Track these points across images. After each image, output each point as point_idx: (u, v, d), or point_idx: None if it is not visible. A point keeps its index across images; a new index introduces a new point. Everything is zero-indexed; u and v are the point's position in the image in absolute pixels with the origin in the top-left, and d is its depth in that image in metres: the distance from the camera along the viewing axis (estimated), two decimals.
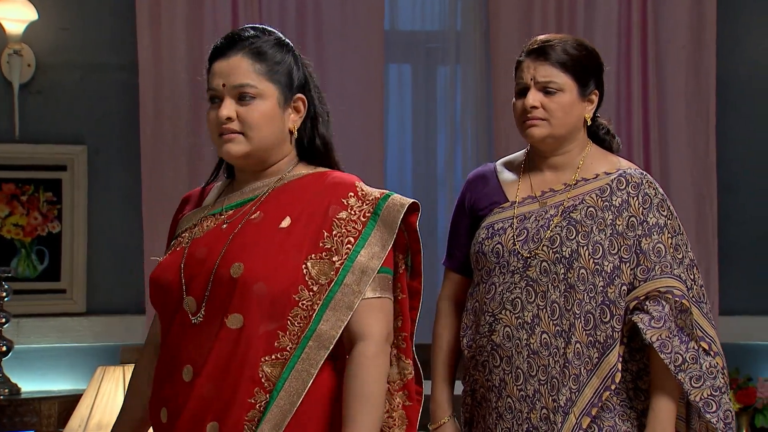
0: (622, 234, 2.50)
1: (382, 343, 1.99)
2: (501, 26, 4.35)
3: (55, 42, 4.28)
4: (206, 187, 2.21)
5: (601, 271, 2.47)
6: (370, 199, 2.04)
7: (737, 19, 4.49)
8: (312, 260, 1.99)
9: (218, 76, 2.04)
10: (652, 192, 2.54)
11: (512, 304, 2.48)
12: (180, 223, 2.17)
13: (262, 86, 2.03)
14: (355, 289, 1.98)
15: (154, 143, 4.22)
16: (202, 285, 2.01)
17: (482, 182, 2.64)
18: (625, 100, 4.38)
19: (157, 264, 2.11)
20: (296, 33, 4.27)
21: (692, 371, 2.45)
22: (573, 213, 2.51)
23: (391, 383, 2.06)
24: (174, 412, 2.00)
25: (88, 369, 4.01)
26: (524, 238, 2.51)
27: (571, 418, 2.44)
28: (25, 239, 4.24)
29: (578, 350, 2.45)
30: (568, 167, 2.56)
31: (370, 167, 4.25)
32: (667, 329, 2.45)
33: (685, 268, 2.51)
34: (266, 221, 2.03)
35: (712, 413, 2.46)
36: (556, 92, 2.51)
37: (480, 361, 2.53)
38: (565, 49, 2.51)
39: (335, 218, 2.02)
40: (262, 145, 2.05)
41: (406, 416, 2.07)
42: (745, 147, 4.50)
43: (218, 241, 2.03)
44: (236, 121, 2.03)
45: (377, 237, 2.01)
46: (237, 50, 2.04)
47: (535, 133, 2.52)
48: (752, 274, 4.48)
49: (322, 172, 2.10)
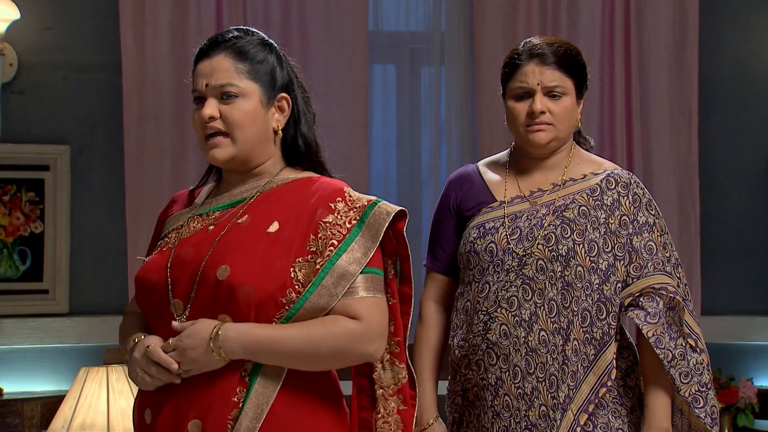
0: (615, 232, 2.52)
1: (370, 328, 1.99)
2: (485, 27, 4.36)
3: (37, 41, 4.26)
4: (196, 189, 2.22)
5: (597, 269, 2.49)
6: (358, 206, 2.05)
7: (720, 19, 4.52)
8: (299, 263, 2.00)
9: (201, 76, 2.06)
10: (640, 192, 2.58)
11: (508, 302, 2.48)
12: (167, 223, 2.18)
13: (244, 85, 2.05)
14: (332, 291, 1.98)
15: (138, 143, 4.20)
16: (188, 286, 2.01)
17: (467, 182, 2.65)
18: (608, 99, 4.40)
19: (143, 264, 2.11)
20: (281, 33, 4.26)
21: (681, 367, 2.49)
22: (565, 212, 2.52)
23: (386, 388, 2.08)
24: (157, 412, 2.01)
25: (71, 370, 4.00)
26: (518, 237, 2.52)
27: (569, 414, 2.45)
28: (7, 239, 4.22)
29: (576, 347, 2.47)
30: (556, 168, 2.59)
31: (354, 167, 4.25)
32: (661, 325, 2.49)
33: (673, 267, 2.55)
34: (254, 225, 2.04)
35: (700, 408, 2.50)
36: (561, 96, 2.52)
37: (474, 360, 2.53)
38: (566, 53, 2.53)
39: (321, 221, 2.03)
40: (247, 145, 2.06)
41: (402, 421, 2.08)
42: (727, 147, 4.53)
43: (204, 243, 2.04)
44: (219, 120, 2.05)
45: (360, 243, 2.02)
46: (219, 50, 2.07)
47: (542, 138, 2.52)
48: (735, 274, 4.50)
49: (310, 177, 2.12)
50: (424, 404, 2.60)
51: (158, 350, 1.97)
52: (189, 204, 2.18)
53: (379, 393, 2.08)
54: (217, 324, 1.95)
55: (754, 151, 4.52)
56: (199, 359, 1.94)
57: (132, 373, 2.02)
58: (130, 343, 2.04)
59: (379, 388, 2.08)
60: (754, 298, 4.50)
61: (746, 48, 4.53)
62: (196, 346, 1.94)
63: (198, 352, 1.94)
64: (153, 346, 1.97)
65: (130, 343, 2.04)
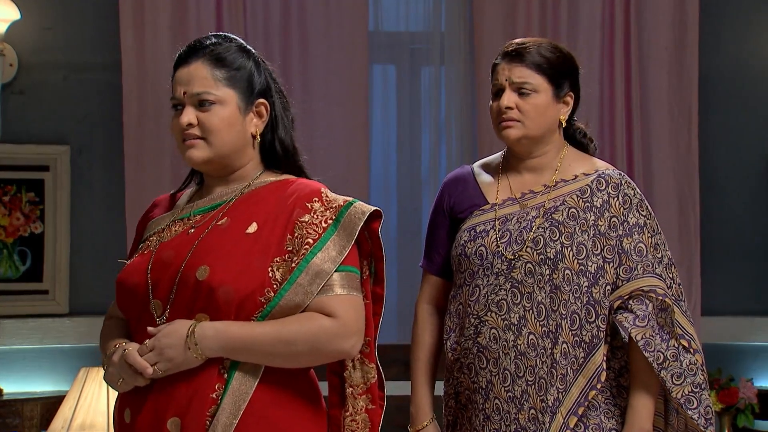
0: (605, 234, 2.52)
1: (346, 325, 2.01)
2: (485, 27, 4.36)
3: (37, 42, 4.26)
4: (177, 193, 2.25)
5: (586, 272, 2.49)
6: (334, 206, 2.07)
7: (719, 20, 4.52)
8: (277, 263, 2.02)
9: (179, 84, 2.10)
10: (631, 192, 2.57)
11: (498, 305, 2.49)
12: (148, 226, 2.20)
13: (220, 92, 2.08)
14: (307, 289, 2.00)
15: (138, 144, 4.21)
16: (168, 287, 2.04)
17: (461, 184, 2.65)
18: (608, 100, 4.40)
19: (124, 266, 2.14)
20: (281, 34, 4.27)
21: (673, 368, 2.48)
22: (555, 214, 2.52)
23: (355, 386, 2.10)
24: (136, 411, 2.03)
25: (71, 370, 4.00)
26: (507, 240, 2.52)
27: (558, 417, 2.45)
28: (7, 240, 4.22)
29: (565, 350, 2.47)
30: (546, 169, 2.58)
31: (354, 167, 4.25)
32: (650, 328, 2.48)
33: (665, 267, 2.54)
34: (233, 227, 2.07)
35: (693, 409, 2.49)
36: (531, 93, 2.53)
37: (465, 364, 2.54)
38: (539, 51, 2.54)
39: (298, 221, 2.05)
40: (224, 150, 2.09)
41: (369, 419, 2.10)
42: (727, 147, 4.53)
43: (185, 245, 2.07)
44: (197, 127, 2.08)
45: (335, 242, 2.04)
46: (197, 57, 2.10)
47: (510, 134, 2.54)
48: (734, 274, 4.50)
49: (287, 179, 2.15)
50: (420, 405, 2.61)
51: (134, 354, 2.00)
52: (170, 208, 2.21)
53: (348, 391, 2.10)
54: (192, 323, 1.98)
55: (754, 151, 4.52)
56: (177, 358, 1.97)
57: (108, 376, 2.05)
58: (110, 349, 2.07)
59: (349, 386, 2.10)
60: (754, 298, 4.50)
61: (746, 48, 4.53)
62: (174, 345, 1.97)
63: (176, 351, 1.97)
64: (129, 350, 2.01)
65: (110, 349, 2.07)
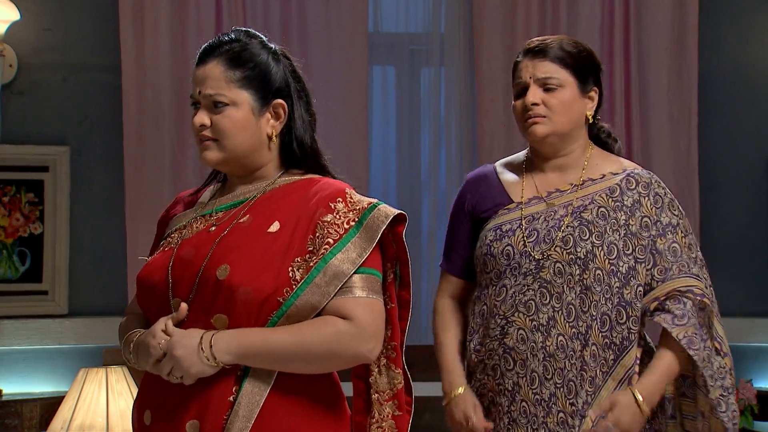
0: (636, 234, 2.48)
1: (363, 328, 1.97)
2: (485, 28, 4.36)
3: (37, 42, 4.25)
4: (200, 189, 2.22)
5: (617, 272, 2.45)
6: (358, 207, 2.04)
7: (719, 21, 4.52)
8: (297, 263, 1.99)
9: (196, 83, 2.08)
10: (662, 191, 2.54)
11: (526, 306, 2.45)
12: (171, 223, 2.18)
13: (233, 94, 2.05)
14: (324, 290, 1.97)
15: (137, 145, 4.20)
16: (188, 286, 2.01)
17: (484, 183, 2.61)
18: (608, 100, 4.39)
19: (145, 264, 2.11)
20: (281, 35, 4.26)
21: (708, 370, 2.46)
22: (584, 213, 2.49)
23: (381, 392, 2.07)
24: (156, 413, 2.01)
25: (70, 371, 3.99)
26: (535, 239, 2.48)
27: (587, 421, 2.41)
28: (6, 240, 4.22)
29: (594, 352, 2.43)
30: (572, 168, 2.55)
31: (354, 169, 4.25)
32: (692, 326, 2.44)
33: (699, 268, 2.51)
34: (254, 225, 2.04)
35: (723, 413, 2.47)
36: (557, 88, 2.49)
37: (490, 365, 2.50)
38: (561, 46, 2.51)
39: (320, 220, 2.02)
40: (237, 152, 2.07)
41: (396, 426, 2.07)
42: (726, 147, 4.53)
43: (205, 243, 2.04)
44: (210, 129, 2.06)
45: (357, 244, 2.01)
46: (213, 57, 2.07)
47: (537, 130, 2.49)
48: (735, 274, 4.50)
49: (311, 178, 2.11)
50: (452, 373, 2.55)
51: (170, 323, 1.97)
52: (192, 205, 2.18)
53: (374, 397, 2.07)
54: (205, 331, 1.95)
55: (754, 151, 4.52)
56: (191, 368, 1.94)
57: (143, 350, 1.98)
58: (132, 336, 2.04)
59: (375, 392, 2.07)
60: (754, 299, 4.49)
61: (746, 49, 4.53)
62: (189, 355, 1.93)
63: (191, 360, 1.93)
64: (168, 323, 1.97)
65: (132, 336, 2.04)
